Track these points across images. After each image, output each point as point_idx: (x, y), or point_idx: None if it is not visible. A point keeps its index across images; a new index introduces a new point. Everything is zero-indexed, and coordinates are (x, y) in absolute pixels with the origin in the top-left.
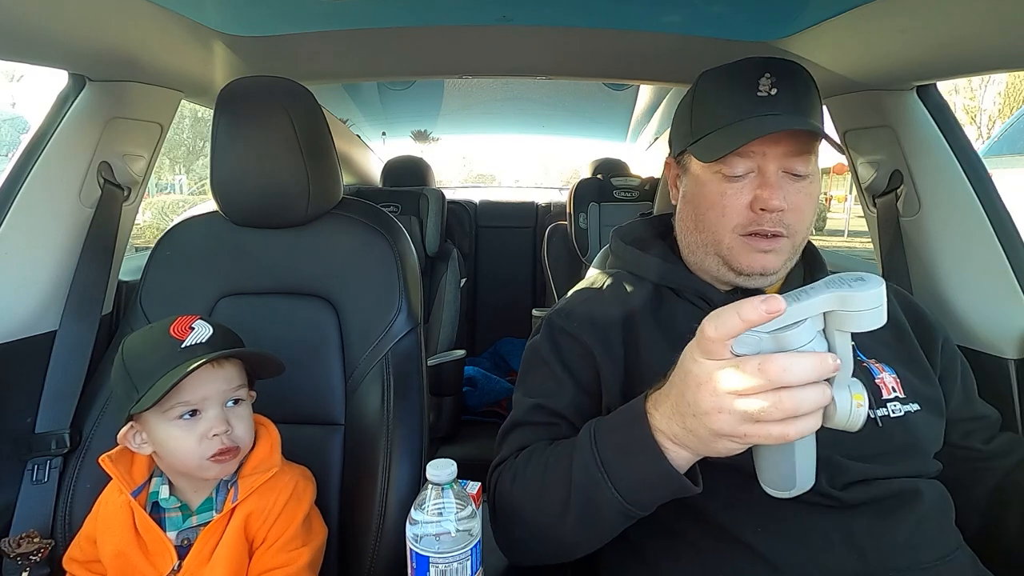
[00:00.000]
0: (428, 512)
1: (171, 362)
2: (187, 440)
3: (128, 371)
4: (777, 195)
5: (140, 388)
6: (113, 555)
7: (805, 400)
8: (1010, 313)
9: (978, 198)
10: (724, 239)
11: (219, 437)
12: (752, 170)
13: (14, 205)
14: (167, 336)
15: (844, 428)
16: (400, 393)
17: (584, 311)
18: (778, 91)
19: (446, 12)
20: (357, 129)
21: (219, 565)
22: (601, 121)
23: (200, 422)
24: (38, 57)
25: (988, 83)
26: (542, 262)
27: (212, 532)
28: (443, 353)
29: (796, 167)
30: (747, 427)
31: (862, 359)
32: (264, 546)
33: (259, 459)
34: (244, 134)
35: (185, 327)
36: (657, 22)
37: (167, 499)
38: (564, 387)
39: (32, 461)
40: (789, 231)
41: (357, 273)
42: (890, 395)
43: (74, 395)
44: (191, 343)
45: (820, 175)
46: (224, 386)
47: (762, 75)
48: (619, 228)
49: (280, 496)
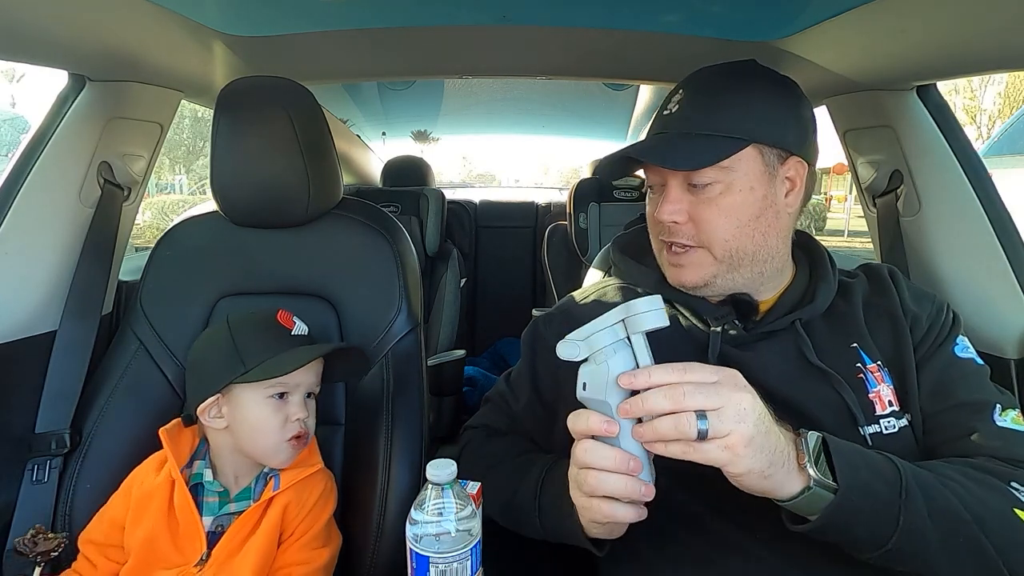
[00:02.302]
0: (428, 512)
1: (283, 344)
2: (274, 420)
3: (236, 345)
4: (667, 208)
5: (248, 362)
6: (143, 541)
7: (604, 482)
8: (1010, 313)
9: (978, 198)
10: (659, 251)
11: (300, 421)
12: (661, 183)
13: (14, 205)
14: (275, 322)
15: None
16: (400, 393)
17: (566, 320)
18: (679, 108)
19: (446, 12)
20: (357, 129)
21: (251, 555)
22: (601, 121)
23: (287, 405)
24: (38, 57)
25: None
26: (542, 262)
27: (247, 521)
28: (443, 353)
29: (692, 178)
30: (582, 498)
31: (868, 363)
32: (290, 540)
33: (301, 456)
34: (244, 134)
35: (289, 319)
36: (657, 22)
37: (211, 482)
38: (523, 391)
39: (32, 461)
40: (699, 242)
41: (357, 273)
42: (884, 410)
43: (74, 395)
44: (297, 333)
45: (748, 182)
46: (313, 379)
47: (678, 91)
48: (620, 237)
49: (313, 493)
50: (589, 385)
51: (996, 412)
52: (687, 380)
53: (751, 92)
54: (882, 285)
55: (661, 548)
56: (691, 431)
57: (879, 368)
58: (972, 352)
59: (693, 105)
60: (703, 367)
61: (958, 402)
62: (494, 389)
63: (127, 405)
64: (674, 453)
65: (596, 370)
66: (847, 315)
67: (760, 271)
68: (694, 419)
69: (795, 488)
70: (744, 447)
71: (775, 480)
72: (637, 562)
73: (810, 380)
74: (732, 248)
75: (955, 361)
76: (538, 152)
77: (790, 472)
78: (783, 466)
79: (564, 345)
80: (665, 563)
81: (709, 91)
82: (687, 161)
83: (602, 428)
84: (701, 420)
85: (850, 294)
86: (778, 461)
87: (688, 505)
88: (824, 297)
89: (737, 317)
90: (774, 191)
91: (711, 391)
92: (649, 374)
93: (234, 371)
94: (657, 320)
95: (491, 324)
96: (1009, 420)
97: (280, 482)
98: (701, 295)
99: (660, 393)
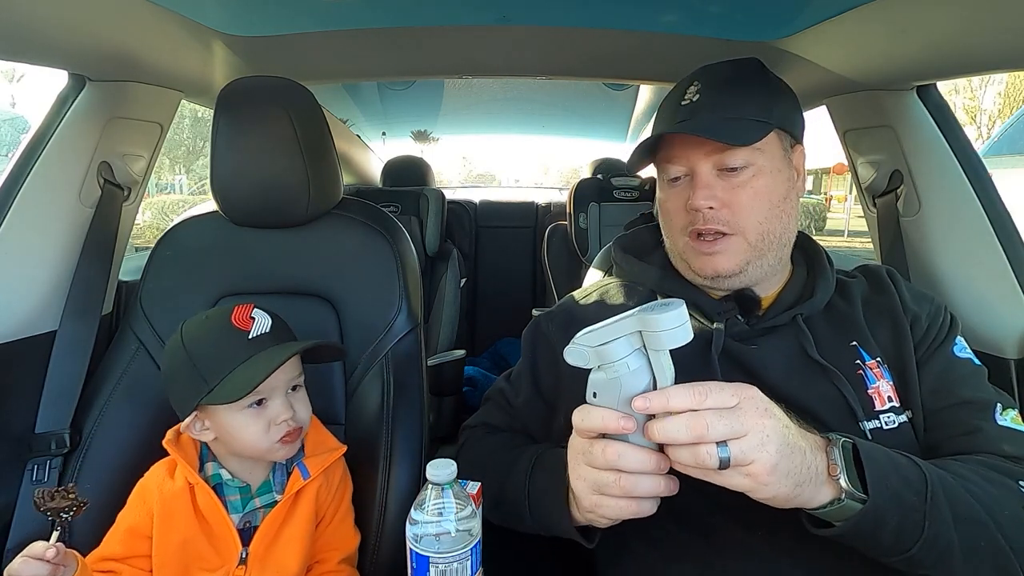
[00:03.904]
0: (428, 512)
1: (241, 354)
2: (256, 428)
3: (194, 362)
4: (702, 193)
5: (210, 380)
6: (178, 545)
7: (639, 485)
8: (1010, 313)
9: (978, 198)
10: (678, 242)
11: (286, 422)
12: (687, 172)
13: (14, 205)
14: (230, 326)
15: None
16: (400, 393)
17: (568, 319)
18: (700, 97)
19: (446, 12)
20: (357, 129)
21: (293, 544)
22: (601, 121)
23: (267, 410)
24: (38, 57)
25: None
26: (542, 262)
27: (279, 513)
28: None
29: (725, 161)
30: (596, 497)
31: (867, 359)
32: (324, 523)
33: (315, 440)
34: (244, 134)
35: (245, 317)
36: (657, 22)
37: (231, 480)
38: (524, 387)
39: (32, 461)
40: (733, 228)
41: (357, 273)
42: (884, 405)
43: (74, 395)
44: (257, 334)
45: (775, 165)
46: (289, 376)
47: (692, 83)
48: (622, 236)
49: (337, 473)
50: (600, 395)
51: (997, 411)
52: (707, 407)
53: (766, 82)
54: (881, 284)
55: (660, 547)
56: (712, 462)
57: (878, 364)
58: (970, 353)
59: (716, 93)
60: (722, 388)
61: (960, 400)
62: (493, 387)
63: (127, 405)
64: (694, 474)
65: (609, 382)
66: (846, 314)
67: (779, 257)
68: (715, 450)
69: (824, 499)
70: (768, 475)
71: (803, 498)
72: (636, 561)
73: (811, 375)
74: (765, 231)
75: (954, 361)
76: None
77: (819, 486)
78: (811, 482)
79: (573, 351)
80: (664, 562)
81: (728, 80)
82: (736, 136)
83: (618, 426)
84: (722, 448)
85: (849, 293)
86: (805, 479)
87: (688, 503)
88: (823, 292)
89: (740, 312)
90: (792, 175)
91: (732, 418)
92: (667, 399)
93: (199, 391)
94: (684, 337)
95: (491, 324)
96: (1009, 420)
97: (309, 471)
98: (727, 287)
99: (681, 423)
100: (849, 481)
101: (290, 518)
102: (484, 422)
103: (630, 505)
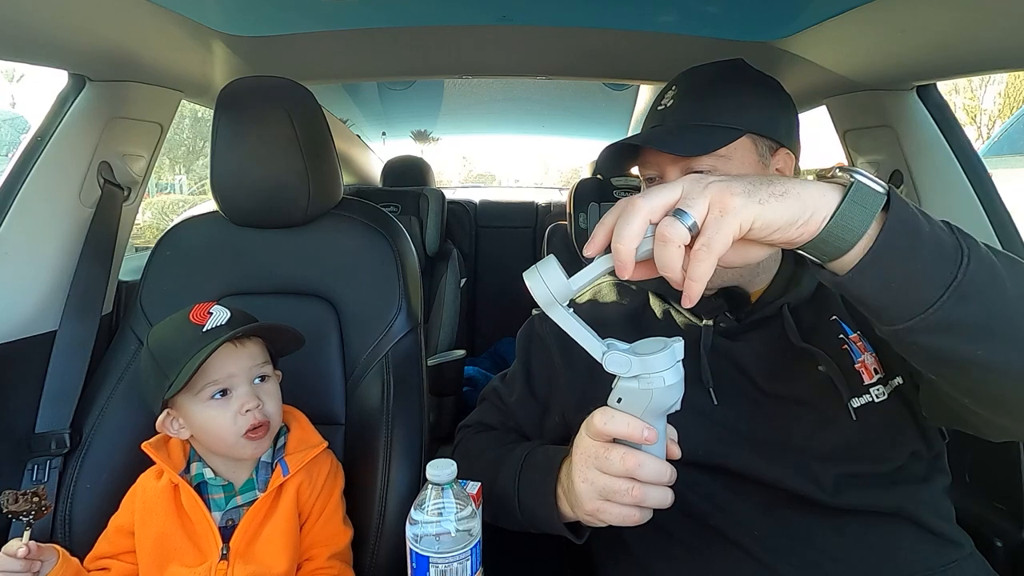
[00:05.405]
0: (428, 512)
1: (195, 346)
2: (222, 418)
3: (156, 360)
4: None
5: (170, 375)
6: (155, 538)
7: (649, 495)
8: None
9: (978, 198)
10: None
11: (251, 412)
12: (659, 174)
13: (14, 205)
14: (188, 323)
15: None
16: (400, 393)
17: None
18: (673, 102)
19: (446, 12)
20: (357, 129)
21: (274, 540)
22: (601, 121)
23: (232, 400)
24: (38, 57)
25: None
26: None
27: (259, 509)
28: (443, 353)
29: (691, 166)
30: (601, 502)
31: (849, 333)
32: (310, 521)
33: (299, 438)
34: (244, 134)
35: (203, 312)
36: (657, 22)
37: (214, 478)
38: (517, 385)
39: (32, 461)
40: None
41: (357, 273)
42: (871, 379)
43: (74, 395)
44: (211, 326)
45: (745, 170)
46: (249, 363)
47: (671, 88)
48: None
49: (322, 471)
50: (625, 401)
51: None
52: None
53: (743, 85)
54: None
55: (659, 547)
56: (679, 230)
57: (860, 338)
58: None
59: (688, 98)
60: (660, 188)
61: None
62: (488, 387)
63: (127, 405)
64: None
65: (640, 392)
66: (827, 292)
67: (766, 255)
68: (676, 220)
69: (830, 203)
70: (733, 196)
71: (800, 208)
72: (635, 561)
73: (798, 362)
74: None
75: None
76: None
77: (816, 188)
78: (800, 186)
79: (614, 358)
80: (663, 561)
81: (703, 85)
82: (688, 148)
83: (642, 436)
84: (682, 217)
85: None
86: (791, 187)
87: (687, 503)
88: (809, 280)
89: (729, 309)
90: None
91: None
92: None
93: (162, 387)
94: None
95: (491, 324)
96: None
97: (288, 467)
98: (712, 285)
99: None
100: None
101: (271, 514)
102: (479, 421)
103: (634, 513)
